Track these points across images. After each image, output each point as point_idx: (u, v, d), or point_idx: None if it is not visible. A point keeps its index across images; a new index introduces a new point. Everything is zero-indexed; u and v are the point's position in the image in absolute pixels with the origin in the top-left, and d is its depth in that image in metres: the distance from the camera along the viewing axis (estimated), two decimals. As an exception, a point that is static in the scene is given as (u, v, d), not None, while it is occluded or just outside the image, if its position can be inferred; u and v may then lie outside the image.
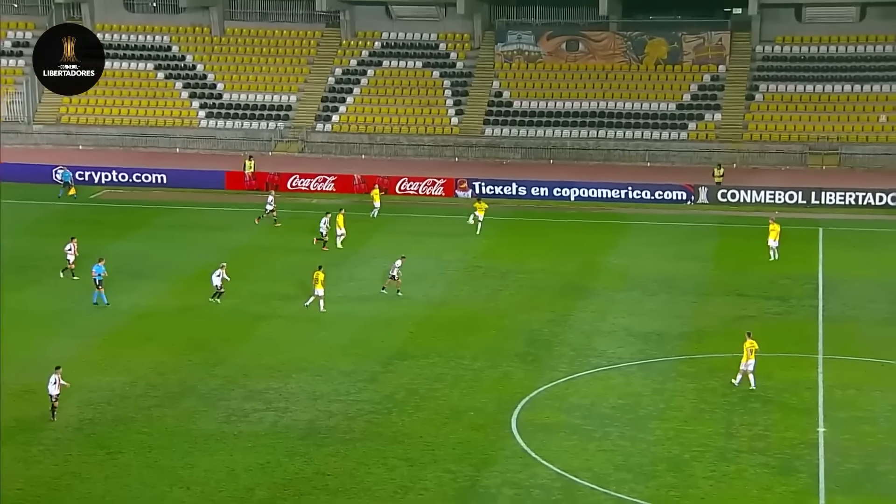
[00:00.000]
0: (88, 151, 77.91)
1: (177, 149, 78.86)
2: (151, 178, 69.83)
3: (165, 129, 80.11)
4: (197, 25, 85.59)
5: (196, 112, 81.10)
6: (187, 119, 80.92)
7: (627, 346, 40.99)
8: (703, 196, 64.55)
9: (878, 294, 47.04)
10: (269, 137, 79.20)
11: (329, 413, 35.07)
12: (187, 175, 69.82)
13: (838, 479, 30.50)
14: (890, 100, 74.21)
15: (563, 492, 29.95)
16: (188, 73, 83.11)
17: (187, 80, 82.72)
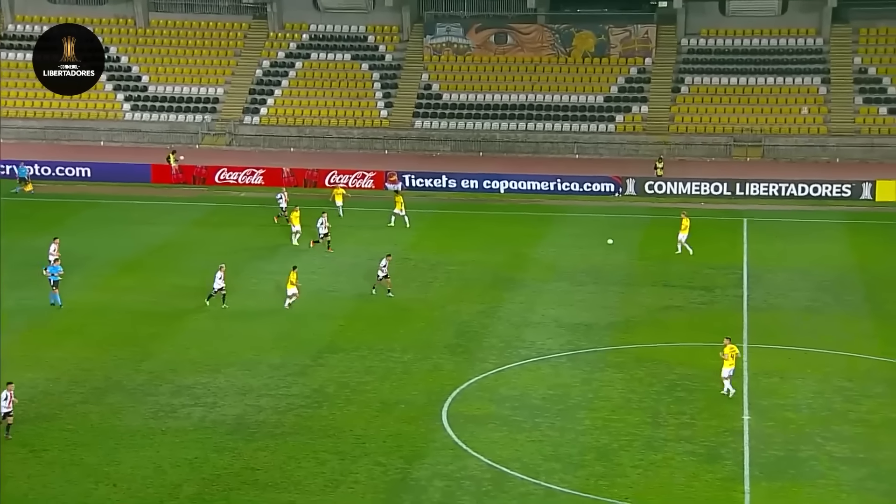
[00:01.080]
0: (10, 145, 76.42)
1: (101, 142, 77.76)
2: (75, 172, 68.79)
3: (89, 121, 78.92)
4: (121, 17, 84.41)
5: (121, 105, 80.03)
6: (112, 112, 79.80)
7: (556, 337, 41.25)
8: (631, 188, 65.15)
9: (801, 283, 47.83)
10: (196, 130, 78.38)
11: (258, 407, 34.84)
12: (112, 168, 68.90)
13: (762, 465, 30.99)
14: (811, 92, 75.44)
15: (493, 483, 30.07)
16: (112, 66, 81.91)
17: (111, 72, 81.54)
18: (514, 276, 48.80)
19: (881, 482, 29.97)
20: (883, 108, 73.54)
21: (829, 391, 36.04)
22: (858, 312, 44.20)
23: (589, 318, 43.24)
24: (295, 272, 44.18)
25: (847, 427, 33.41)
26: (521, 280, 48.33)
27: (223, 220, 59.83)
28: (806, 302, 45.45)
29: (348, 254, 51.56)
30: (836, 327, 42.29)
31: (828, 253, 52.67)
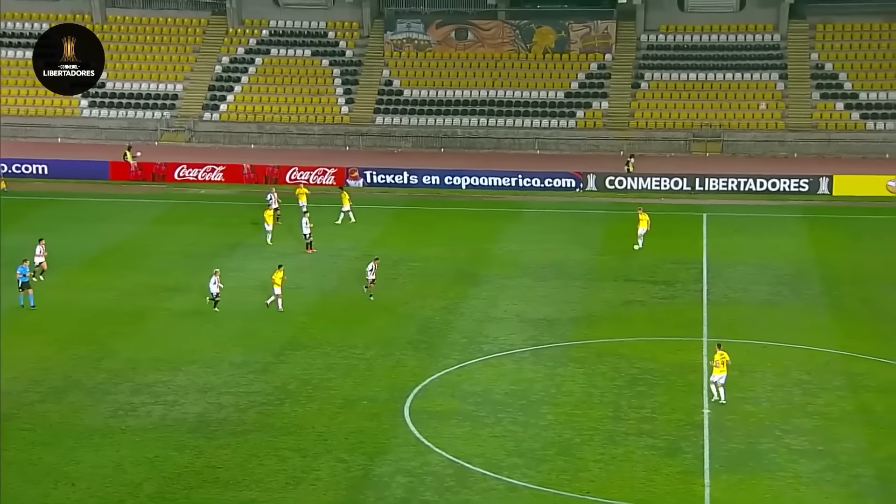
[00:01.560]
0: (-34, 142, 75.71)
1: (58, 139, 77.06)
2: (32, 169, 68.16)
3: (46, 118, 78.19)
4: (77, 13, 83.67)
5: (78, 101, 79.32)
6: (69, 108, 79.10)
7: (519, 332, 41.35)
8: (592, 183, 65.42)
9: (760, 277, 48.22)
10: (155, 127, 77.87)
11: (220, 405, 34.70)
12: (70, 165, 68.31)
13: (722, 458, 31.23)
14: (769, 87, 76.05)
15: (456, 478, 30.12)
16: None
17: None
18: (477, 272, 48.88)
19: (839, 474, 30.29)
20: (839, 103, 74.28)
21: (788, 384, 36.38)
22: (816, 306, 44.62)
23: (551, 313, 43.38)
24: (281, 270, 43.76)
25: (806, 420, 33.74)
26: (483, 276, 48.41)
27: (183, 217, 59.49)
28: (765, 296, 45.83)
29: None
30: (795, 321, 42.67)
31: (786, 247, 53.12)
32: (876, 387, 36.19)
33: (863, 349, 39.31)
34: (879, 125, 72.83)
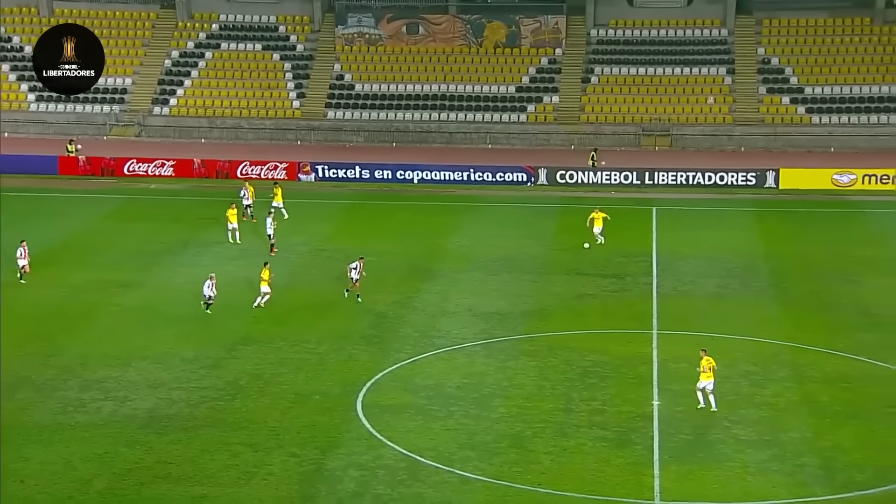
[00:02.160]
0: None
1: (5, 133, 76.08)
2: (-21, 164, 67.26)
3: (-7, 112, 77.22)
4: (24, 6, 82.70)
5: (25, 95, 78.40)
6: (16, 102, 78.15)
7: (471, 326, 41.44)
8: (543, 177, 65.67)
9: (709, 270, 48.65)
10: (104, 121, 77.15)
11: (171, 401, 34.49)
12: (16, 160, 67.44)
13: (672, 449, 31.50)
14: (717, 82, 76.70)
15: (408, 472, 30.16)
16: (15, 55, 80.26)
17: (15, 62, 79.87)
18: (429, 267, 48.92)
19: (784, 463, 30.68)
20: (785, 97, 75.07)
21: (736, 376, 36.73)
22: (764, 298, 45.10)
23: (503, 306, 43.51)
24: (267, 268, 43.22)
25: (753, 410, 34.11)
26: (435, 270, 48.46)
27: (133, 212, 59.01)
28: (713, 288, 46.25)
29: (263, 245, 51.17)
30: (743, 313, 43.10)
31: (734, 240, 53.63)
32: (821, 377, 36.67)
33: (809, 340, 39.81)
34: (825, 119, 73.72)
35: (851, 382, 36.19)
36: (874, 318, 42.30)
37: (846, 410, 34.03)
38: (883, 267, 48.82)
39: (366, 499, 28.85)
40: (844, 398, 34.92)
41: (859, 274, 47.68)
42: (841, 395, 35.14)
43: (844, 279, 47.01)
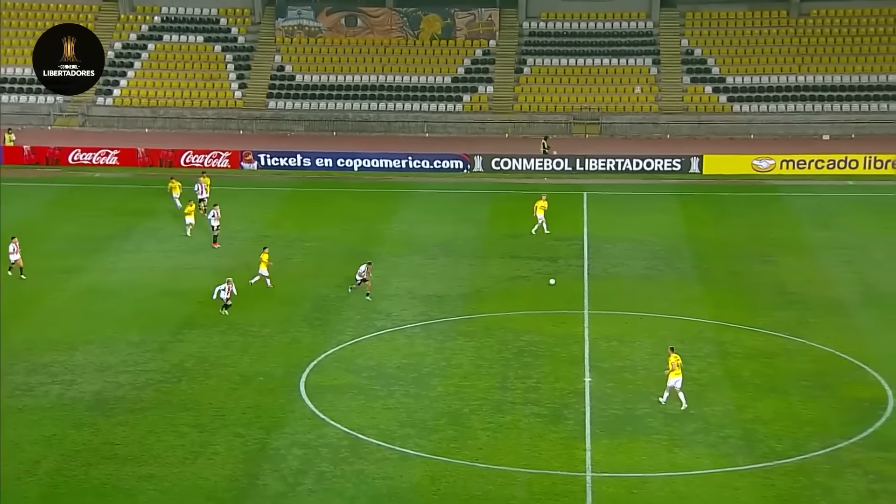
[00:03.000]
0: None
1: (-49, 124, 74.57)
2: (-76, 154, 65.83)
3: (-63, 103, 75.60)
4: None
5: (-30, 86, 76.80)
6: (-39, 93, 76.58)
7: (410, 308, 41.41)
8: (479, 164, 65.73)
9: (637, 252, 49.03)
10: (48, 112, 75.81)
11: (117, 384, 34.10)
12: (-37, 150, 66.13)
13: (602, 423, 31.77)
14: (643, 72, 77.23)
15: (350, 449, 30.11)
16: (-39, 47, 78.56)
17: (-40, 53, 78.20)
18: (369, 251, 48.72)
19: (709, 435, 31.07)
20: (708, 87, 75.80)
21: (663, 353, 36.88)
22: (688, 279, 45.56)
23: (441, 289, 43.54)
24: (266, 253, 42.99)
25: (680, 385, 34.48)
26: (376, 254, 48.27)
27: (78, 200, 58.15)
28: (641, 270, 46.64)
29: (208, 232, 50.67)
30: (669, 293, 43.51)
31: (660, 224, 54.07)
32: (742, 353, 37.17)
33: (730, 318, 40.32)
34: (745, 107, 74.55)
35: (770, 358, 36.74)
36: (790, 296, 42.94)
37: (765, 384, 34.55)
38: (799, 248, 49.55)
39: (309, 476, 28.76)
40: (764, 373, 35.45)
41: (777, 255, 48.35)
42: (761, 370, 35.66)
43: (763, 260, 47.65)
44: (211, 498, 27.76)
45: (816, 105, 73.46)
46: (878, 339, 38.15)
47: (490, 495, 27.91)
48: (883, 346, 37.45)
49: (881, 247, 49.35)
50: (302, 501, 27.64)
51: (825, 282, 44.61)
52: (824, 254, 48.40)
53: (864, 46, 75.86)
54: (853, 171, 63.60)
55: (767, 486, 28.28)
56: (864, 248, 49.20)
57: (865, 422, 31.73)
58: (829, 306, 41.64)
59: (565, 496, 27.85)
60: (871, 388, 34.19)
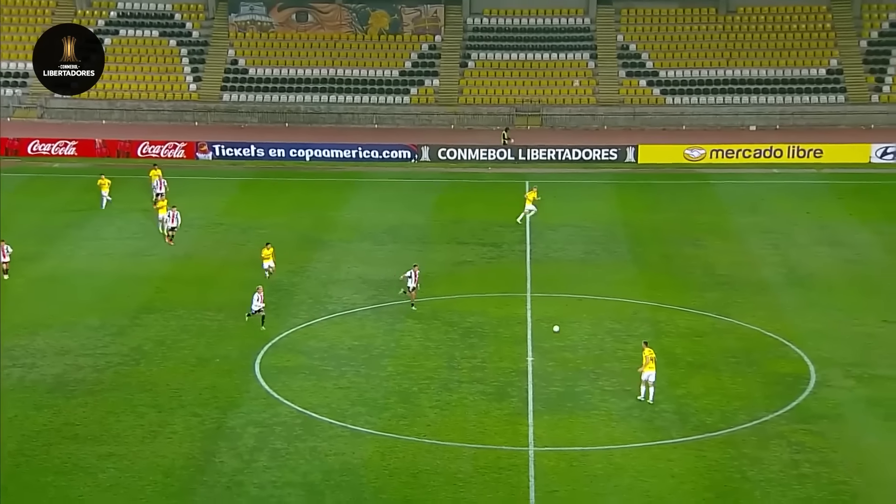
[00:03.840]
0: None
1: (-89, 116, 73.06)
2: None
3: None
4: (-73, -8, 79.22)
5: (-70, 79, 75.23)
6: (-79, 86, 74.98)
7: (361, 292, 41.33)
8: (426, 154, 65.66)
9: (576, 238, 49.30)
10: (7, 104, 74.47)
11: (77, 366, 33.72)
12: (-77, 141, 64.81)
13: (544, 400, 31.99)
14: (581, 66, 77.51)
15: (304, 427, 30.06)
16: (-80, 40, 76.87)
17: (-81, 46, 76.53)
18: (321, 238, 48.61)
19: (644, 411, 31.39)
20: (643, 80, 76.29)
21: (601, 333, 37.41)
22: (624, 262, 45.90)
23: (390, 274, 43.44)
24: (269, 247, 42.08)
25: (616, 364, 34.78)
26: (327, 241, 48.18)
27: (37, 190, 57.30)
28: (580, 254, 46.91)
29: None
30: (606, 276, 43.82)
31: (598, 210, 54.40)
32: (675, 332, 37.56)
33: (664, 299, 40.71)
34: (678, 100, 75.14)
35: (701, 336, 37.17)
36: (719, 278, 43.44)
37: (696, 361, 34.96)
38: (727, 232, 50.11)
39: (264, 453, 28.67)
40: (695, 350, 35.87)
41: (707, 239, 48.86)
42: (692, 348, 36.07)
43: (694, 244, 48.13)
44: (169, 475, 27.59)
45: (744, 97, 74.25)
46: (800, 318, 38.75)
47: (438, 469, 28.01)
48: (804, 324, 38.05)
49: (803, 231, 50.08)
50: (257, 478, 27.56)
51: (751, 264, 45.18)
52: (751, 237, 49.00)
53: (787, 42, 76.77)
54: (778, 159, 64.39)
55: (699, 458, 28.66)
56: (787, 231, 49.88)
57: (789, 396, 32.25)
58: (755, 287, 42.19)
59: (509, 469, 28.03)
60: (793, 363, 34.74)
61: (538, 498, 26.70)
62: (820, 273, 43.79)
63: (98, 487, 27.09)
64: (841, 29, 76.79)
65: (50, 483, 27.20)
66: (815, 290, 41.70)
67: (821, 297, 40.78)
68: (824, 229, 50.09)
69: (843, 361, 34.68)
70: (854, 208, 53.74)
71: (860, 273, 43.71)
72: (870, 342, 36.31)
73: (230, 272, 43.15)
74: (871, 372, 33.92)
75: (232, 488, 27.13)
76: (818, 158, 64.11)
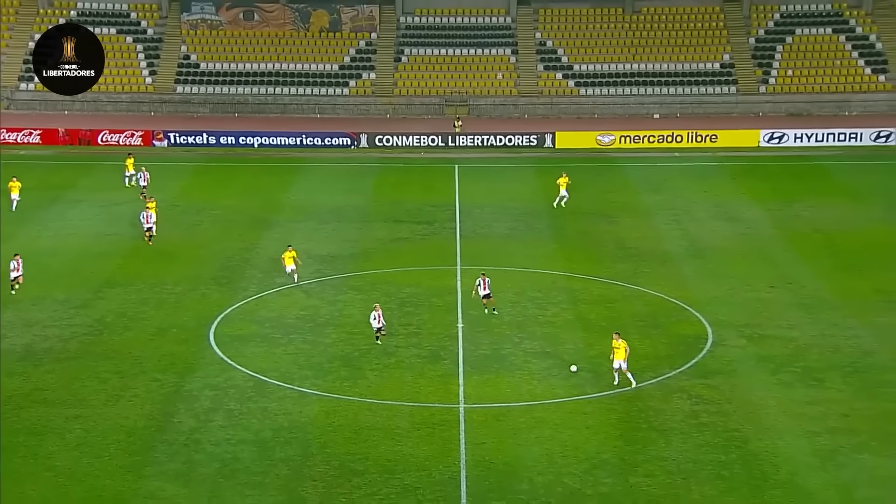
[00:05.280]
0: None
1: None
2: None
3: None
4: None
5: None
6: None
7: (307, 266, 41.01)
8: (364, 141, 65.28)
9: (501, 216, 49.44)
10: (-25, 96, 72.46)
11: (45, 337, 33.09)
12: None
13: (473, 362, 32.12)
14: (504, 61, 77.57)
15: (256, 389, 29.85)
16: None
17: None
18: (270, 218, 48.14)
19: (562, 370, 31.69)
20: (559, 74, 76.59)
21: (524, 301, 37.62)
22: (544, 238, 46.12)
23: (333, 250, 43.26)
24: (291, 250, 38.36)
25: (537, 328, 35.02)
26: (275, 220, 47.74)
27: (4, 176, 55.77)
28: (505, 231, 47.06)
29: (126, 203, 49.32)
30: (528, 250, 44.01)
31: (520, 191, 54.59)
32: (590, 299, 37.90)
33: (580, 270, 41.04)
34: (590, 91, 75.57)
35: (612, 303, 37.57)
36: (629, 250, 43.89)
37: (609, 325, 35.28)
38: (635, 210, 50.61)
39: (219, 414, 28.43)
40: (607, 315, 36.23)
41: (617, 216, 49.31)
42: (605, 313, 36.44)
43: (606, 220, 48.55)
44: (131, 434, 27.25)
45: (648, 89, 74.94)
46: (699, 286, 39.35)
47: (377, 425, 28.02)
48: (703, 291, 38.65)
49: (702, 207, 50.78)
50: (213, 435, 27.34)
51: (656, 238, 45.71)
52: (656, 214, 49.56)
53: (686, 39, 77.59)
54: (679, 144, 65.17)
55: (610, 411, 29.02)
56: (688, 209, 50.54)
57: (689, 354, 32.77)
58: (660, 258, 42.71)
59: (442, 425, 28.13)
60: (693, 326, 35.29)
61: (468, 449, 26.85)
62: (716, 245, 44.47)
63: (66, 446, 26.70)
64: (732, 27, 77.82)
65: (21, 443, 26.72)
66: (713, 261, 42.34)
67: (717, 267, 41.43)
68: (720, 206, 50.85)
69: (737, 323, 35.32)
70: (745, 187, 54.62)
71: (751, 245, 44.48)
72: (759, 306, 37.01)
73: (186, 250, 42.56)
74: (761, 332, 34.61)
75: (189, 445, 26.89)
76: (714, 143, 65.04)
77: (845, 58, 75.16)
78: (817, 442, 27.24)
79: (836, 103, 72.69)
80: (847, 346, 33.23)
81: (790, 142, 64.80)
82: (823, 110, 72.47)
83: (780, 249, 43.82)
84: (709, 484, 25.32)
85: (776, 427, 28.06)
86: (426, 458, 26.44)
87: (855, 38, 76.31)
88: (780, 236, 45.67)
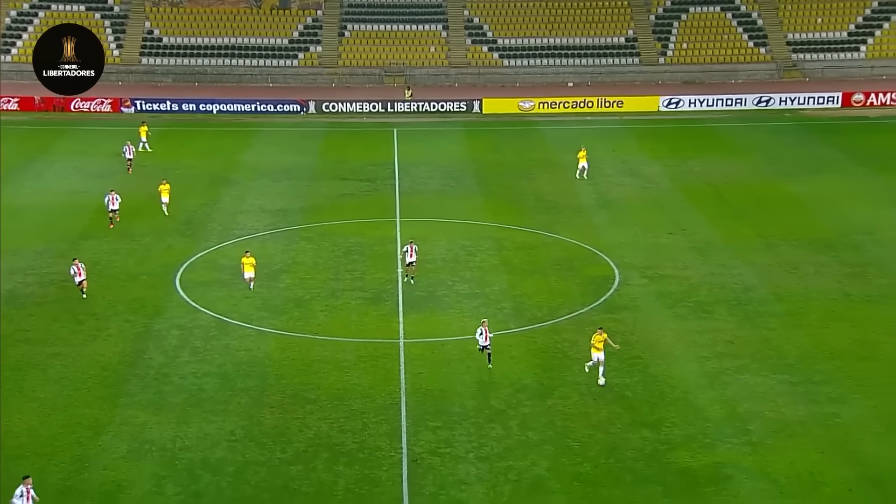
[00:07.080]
0: None
1: None
2: None
3: None
4: None
5: None
6: None
7: (262, 220, 40.56)
8: (312, 108, 64.34)
9: (435, 174, 49.28)
10: (-46, 66, 69.59)
11: (26, 283, 32.32)
12: None
13: (411, 303, 32.19)
14: (436, 35, 76.79)
15: (218, 329, 29.59)
16: None
17: None
18: (228, 176, 47.34)
19: (489, 308, 31.95)
20: (485, 47, 76.12)
21: (456, 248, 37.70)
22: (473, 193, 46.12)
23: (285, 205, 42.77)
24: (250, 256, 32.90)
25: (468, 272, 35.17)
26: (233, 179, 46.96)
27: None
28: (438, 187, 46.95)
29: (97, 163, 48.04)
30: (459, 204, 43.98)
31: (452, 151, 54.43)
32: (514, 246, 38.13)
33: (504, 221, 41.20)
34: (512, 62, 75.33)
35: (533, 249, 37.84)
36: (547, 203, 44.15)
37: (530, 268, 35.64)
38: (552, 167, 50.83)
39: (186, 350, 28.16)
40: (529, 260, 36.52)
41: (536, 173, 49.49)
42: (527, 258, 36.71)
43: (526, 177, 48.70)
44: (107, 369, 26.90)
45: (563, 60, 74.93)
46: (608, 233, 39.81)
47: (327, 359, 28.01)
48: (611, 238, 39.13)
49: (610, 164, 51.20)
50: (180, 370, 27.09)
51: (571, 192, 46.03)
52: (570, 171, 49.84)
53: (595, 16, 77.57)
54: (590, 109, 65.44)
55: (531, 343, 29.39)
56: (598, 165, 50.85)
57: (599, 293, 33.25)
58: (574, 210, 43.05)
59: (384, 357, 28.23)
60: (603, 268, 35.78)
61: (407, 379, 27.02)
62: (622, 198, 44.96)
63: (48, 380, 26.28)
64: (635, 5, 78.01)
65: (7, 377, 26.23)
66: (619, 212, 42.82)
67: (623, 217, 41.92)
68: (625, 163, 51.33)
69: (640, 265, 35.87)
70: (647, 147, 55.19)
71: (652, 197, 45.06)
72: (658, 250, 37.62)
73: (153, 205, 41.66)
74: (660, 273, 35.22)
75: (159, 378, 26.63)
76: (620, 108, 65.46)
77: (732, 33, 76.00)
78: (706, 365, 27.95)
79: (724, 72, 73.61)
80: (732, 283, 34.01)
81: (685, 106, 65.54)
82: (713, 78, 73.31)
83: (676, 200, 44.47)
84: (615, 403, 25.87)
85: (672, 353, 28.70)
86: (370, 386, 26.54)
87: (740, 15, 77.15)
88: (676, 189, 46.33)
